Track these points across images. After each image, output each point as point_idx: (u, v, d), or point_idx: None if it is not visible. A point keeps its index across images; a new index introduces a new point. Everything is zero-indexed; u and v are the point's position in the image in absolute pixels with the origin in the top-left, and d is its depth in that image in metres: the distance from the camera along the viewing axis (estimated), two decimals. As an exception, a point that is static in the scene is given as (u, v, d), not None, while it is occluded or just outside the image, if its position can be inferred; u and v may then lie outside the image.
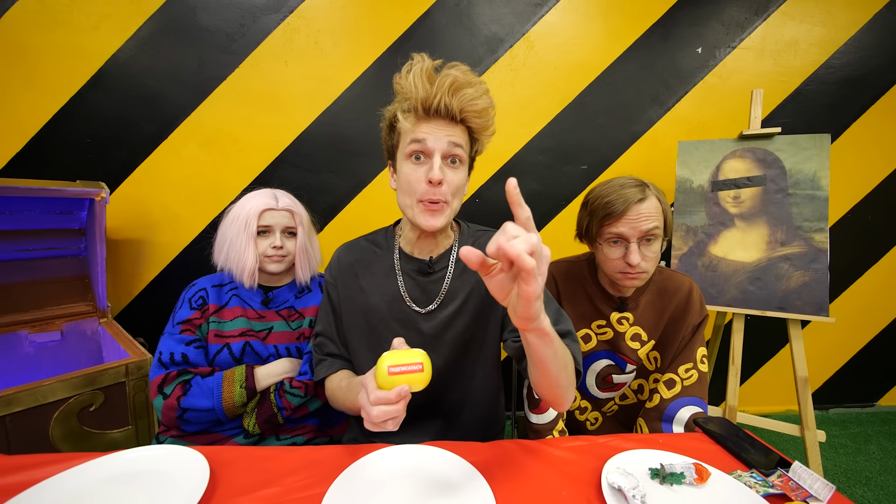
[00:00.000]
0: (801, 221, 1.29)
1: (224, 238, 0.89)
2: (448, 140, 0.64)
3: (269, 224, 0.88)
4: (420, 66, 0.62)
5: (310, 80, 1.56)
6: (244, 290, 0.92)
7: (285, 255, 0.89)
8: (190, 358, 0.82)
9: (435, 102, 0.62)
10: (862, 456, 1.64)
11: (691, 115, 1.71)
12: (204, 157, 1.55)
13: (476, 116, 0.65)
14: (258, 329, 0.90)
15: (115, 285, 1.54)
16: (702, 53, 1.68)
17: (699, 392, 0.81)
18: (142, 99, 1.49)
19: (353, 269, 0.78)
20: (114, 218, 1.49)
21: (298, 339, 0.93)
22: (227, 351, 0.85)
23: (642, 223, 0.76)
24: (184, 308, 0.87)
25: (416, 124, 0.65)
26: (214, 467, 0.55)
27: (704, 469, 0.56)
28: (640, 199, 0.76)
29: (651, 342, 0.87)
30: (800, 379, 1.29)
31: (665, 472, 0.55)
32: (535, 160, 1.69)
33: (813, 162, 1.29)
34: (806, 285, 1.27)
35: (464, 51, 1.60)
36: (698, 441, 0.68)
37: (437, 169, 0.63)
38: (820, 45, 1.70)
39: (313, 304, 0.96)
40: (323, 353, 0.80)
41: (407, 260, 0.76)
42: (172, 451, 0.57)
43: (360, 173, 1.63)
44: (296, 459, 0.58)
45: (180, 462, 0.55)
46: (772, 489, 0.53)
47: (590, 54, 1.66)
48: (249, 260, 0.86)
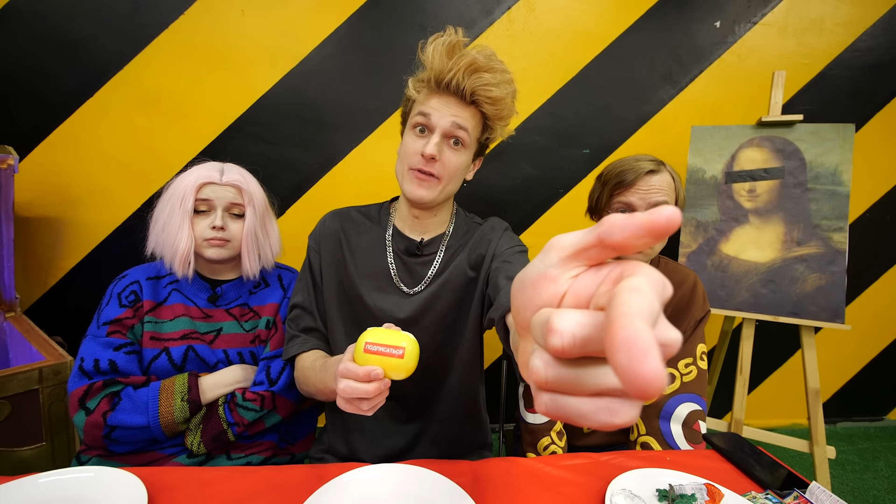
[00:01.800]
0: (819, 219, 1.35)
1: (158, 218, 0.84)
2: (453, 120, 0.70)
3: (209, 199, 0.83)
4: (443, 40, 0.67)
5: (271, 35, 1.50)
6: (187, 283, 0.88)
7: (228, 240, 0.85)
8: (119, 366, 0.77)
9: (447, 78, 0.67)
10: (870, 473, 1.75)
11: (706, 97, 1.75)
12: (140, 121, 1.48)
13: (489, 103, 0.70)
14: (204, 331, 0.86)
15: (26, 273, 1.46)
16: (720, 28, 1.71)
17: (698, 389, 0.88)
18: (59, 45, 1.41)
19: (337, 237, 0.83)
20: (23, 191, 1.41)
21: (253, 342, 0.89)
22: (165, 357, 0.81)
23: (652, 195, 0.83)
24: (111, 305, 0.82)
25: (427, 97, 0.71)
26: (153, 493, 0.53)
27: (717, 490, 0.57)
28: (652, 171, 0.84)
29: None
30: (811, 391, 1.36)
31: (674, 494, 0.57)
32: (532, 141, 1.70)
33: (835, 154, 1.34)
34: (822, 289, 1.33)
35: (454, 10, 1.58)
36: (708, 459, 0.70)
37: (432, 145, 0.69)
38: (847, 25, 1.76)
39: (271, 302, 0.92)
40: (298, 329, 0.81)
41: (398, 238, 0.82)
42: (101, 474, 0.54)
43: (331, 148, 1.59)
44: (252, 482, 0.57)
45: (111, 487, 0.52)
46: (788, 512, 0.56)
47: (597, 22, 1.66)
48: (182, 242, 0.81)
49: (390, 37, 1.56)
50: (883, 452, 1.90)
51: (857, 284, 1.95)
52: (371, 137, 1.61)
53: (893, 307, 1.99)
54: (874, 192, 1.90)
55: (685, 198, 1.47)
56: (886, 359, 2.05)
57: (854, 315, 1.96)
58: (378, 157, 1.62)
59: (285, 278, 0.96)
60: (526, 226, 1.76)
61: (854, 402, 2.09)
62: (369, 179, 1.62)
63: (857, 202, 1.88)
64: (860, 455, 1.87)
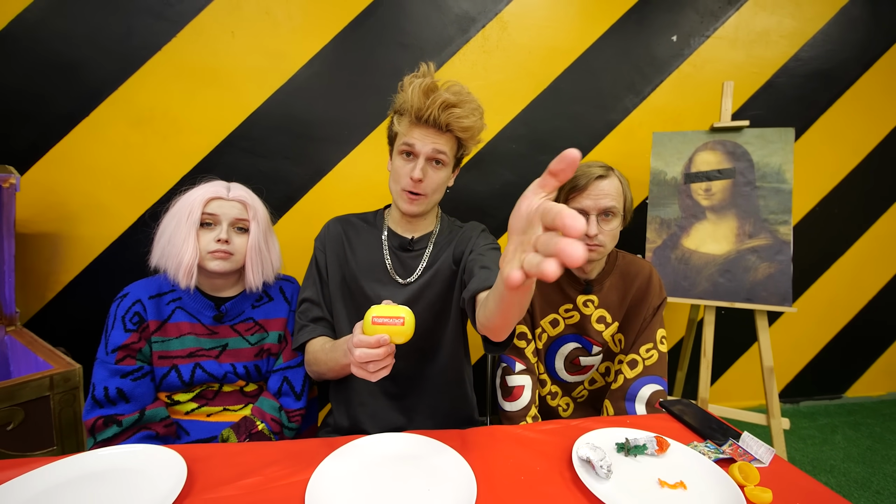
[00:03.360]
0: (767, 214, 1.51)
1: (164, 231, 0.87)
2: (433, 147, 0.85)
3: (215, 213, 0.86)
4: (419, 82, 0.81)
5: (260, 55, 1.60)
6: (189, 300, 0.89)
7: (231, 253, 0.86)
8: (127, 392, 0.81)
9: (425, 115, 0.82)
10: (828, 446, 1.91)
11: (666, 105, 1.91)
12: (134, 138, 1.55)
13: (461, 131, 0.85)
14: (209, 346, 0.89)
15: (25, 287, 1.50)
16: (677, 42, 1.88)
17: (659, 371, 0.98)
18: (55, 68, 1.47)
19: (340, 238, 0.97)
20: (23, 208, 1.45)
21: (259, 355, 0.92)
22: (175, 374, 0.85)
23: (602, 200, 0.93)
24: (117, 329, 0.84)
25: (409, 129, 0.85)
26: (190, 463, 0.62)
27: (664, 441, 0.69)
28: (602, 177, 0.94)
29: (615, 324, 1.04)
30: (766, 368, 1.51)
31: (629, 445, 0.69)
32: (509, 149, 1.82)
33: (778, 155, 1.51)
34: (771, 276, 1.48)
35: (433, 29, 1.70)
36: (662, 420, 0.83)
37: (418, 170, 0.85)
38: (790, 37, 1.95)
39: (279, 316, 0.96)
40: (307, 320, 0.92)
41: (392, 236, 0.96)
42: (146, 450, 0.63)
43: (319, 160, 1.69)
44: (274, 452, 0.66)
45: (155, 459, 0.62)
46: (722, 455, 0.68)
47: (565, 38, 1.81)
48: (187, 254, 0.83)
49: (373, 55, 1.67)
50: (840, 427, 2.07)
51: (810, 273, 2.13)
52: (357, 149, 1.71)
53: (843, 293, 2.18)
54: (822, 188, 2.08)
55: (650, 197, 1.62)
56: (841, 341, 2.23)
57: (809, 302, 2.14)
58: (364, 168, 1.72)
59: (287, 290, 1.00)
60: (506, 228, 1.87)
61: (814, 382, 2.27)
62: (356, 189, 1.72)
63: (807, 198, 2.07)
64: (820, 430, 2.04)
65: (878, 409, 2.25)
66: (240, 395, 0.92)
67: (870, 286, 2.21)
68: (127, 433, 0.80)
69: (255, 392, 0.94)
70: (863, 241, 2.15)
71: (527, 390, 0.99)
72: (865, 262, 2.17)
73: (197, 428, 0.87)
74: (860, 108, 2.04)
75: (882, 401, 2.33)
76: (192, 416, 0.88)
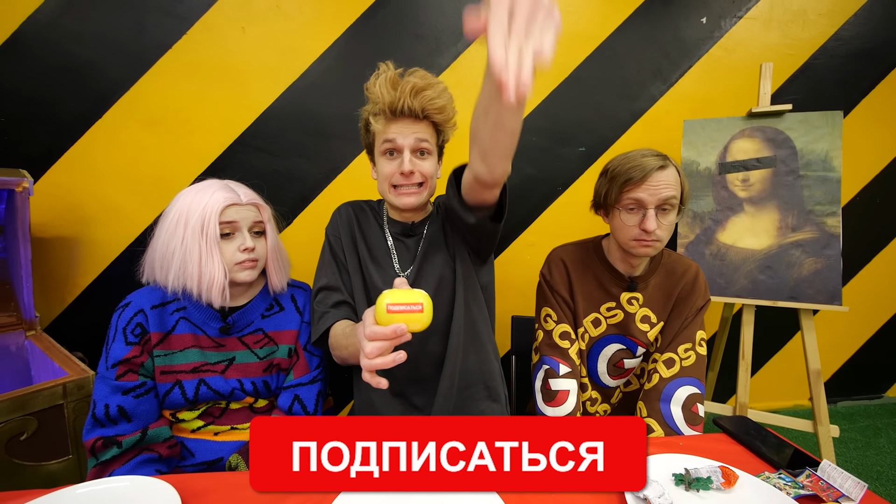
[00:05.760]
0: (812, 205, 1.35)
1: (168, 248, 0.75)
2: (415, 136, 0.82)
3: (234, 221, 0.77)
4: (385, 76, 0.80)
5: (272, 51, 1.51)
6: (194, 310, 0.81)
7: (257, 260, 0.80)
8: (128, 410, 0.73)
9: (399, 105, 0.79)
10: (872, 450, 1.75)
11: (696, 92, 1.75)
12: (147, 140, 1.48)
13: (437, 113, 0.83)
14: (214, 361, 0.80)
15: (44, 292, 1.46)
16: (706, 24, 1.72)
17: (697, 373, 0.90)
18: (67, 70, 1.41)
19: (352, 221, 0.95)
20: (39, 212, 1.40)
21: (268, 370, 0.83)
22: (178, 391, 0.77)
23: (662, 190, 0.83)
24: (118, 342, 0.76)
25: (386, 125, 0.82)
26: (186, 499, 0.53)
27: (732, 472, 0.58)
28: (661, 167, 0.84)
29: (660, 324, 0.94)
30: (812, 372, 1.36)
31: (690, 478, 0.57)
32: (529, 141, 1.70)
33: (825, 141, 1.35)
34: (818, 273, 1.33)
35: (448, 18, 1.58)
36: (718, 442, 0.71)
37: (407, 162, 0.82)
38: (829, 15, 1.77)
39: (290, 329, 0.86)
40: (327, 306, 0.86)
41: (393, 223, 0.95)
42: (136, 483, 0.54)
43: (334, 157, 1.60)
44: (282, 485, 0.57)
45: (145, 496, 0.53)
46: (802, 490, 0.56)
47: (587, 23, 1.67)
48: (217, 272, 0.74)
49: (387, 47, 1.56)
50: (884, 429, 1.90)
51: (851, 266, 1.95)
52: (373, 145, 1.61)
53: (888, 287, 1.99)
54: (864, 176, 1.90)
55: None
56: (884, 337, 2.05)
57: (850, 296, 1.96)
58: (380, 164, 1.62)
59: (299, 299, 0.91)
60: (527, 224, 1.76)
61: (853, 381, 2.09)
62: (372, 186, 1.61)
63: (849, 186, 1.89)
64: (861, 433, 1.87)
65: (923, 410, 2.06)
66: (249, 412, 0.83)
67: (914, 279, 2.02)
68: (128, 454, 0.72)
69: (267, 408, 0.85)
70: (907, 231, 1.96)
71: (572, 395, 0.90)
72: (910, 255, 1.98)
73: (203, 449, 0.79)
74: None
75: (926, 400, 2.15)
76: (198, 434, 0.80)
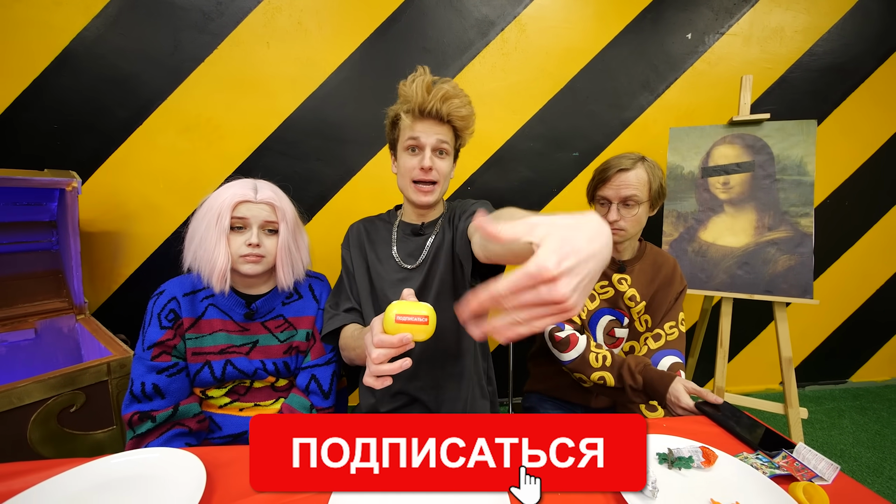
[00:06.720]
0: (787, 206, 1.32)
1: (195, 234, 0.76)
2: (437, 137, 0.81)
3: (245, 217, 0.76)
4: (422, 79, 0.80)
5: (293, 63, 1.49)
6: (221, 297, 0.80)
7: (263, 256, 0.77)
8: (162, 387, 0.73)
9: (429, 107, 0.79)
10: (836, 430, 1.72)
11: (681, 102, 1.71)
12: (182, 145, 1.47)
13: (459, 120, 0.82)
14: (240, 343, 0.80)
15: (92, 280, 1.47)
16: (691, 39, 1.67)
17: (679, 346, 0.96)
18: (112, 81, 1.40)
19: (362, 237, 0.93)
20: (87, 209, 1.40)
21: (288, 352, 0.83)
22: (207, 370, 0.77)
23: (622, 190, 0.91)
24: (153, 326, 0.76)
25: (413, 123, 0.82)
26: (211, 469, 0.52)
27: (711, 452, 0.56)
28: (626, 169, 0.90)
29: (643, 303, 1.00)
30: (784, 359, 1.33)
31: (673, 457, 0.55)
32: (528, 147, 1.67)
33: (800, 148, 1.31)
34: (792, 269, 1.30)
35: (454, 34, 1.55)
36: (700, 424, 0.69)
37: (427, 159, 0.81)
38: (804, 32, 1.72)
39: (308, 315, 0.86)
40: (339, 310, 0.86)
41: (404, 226, 0.92)
42: (166, 455, 0.53)
43: (349, 161, 1.58)
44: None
45: (174, 466, 0.52)
46: (778, 470, 0.54)
47: (581, 39, 1.63)
48: (220, 259, 0.74)
49: (398, 60, 1.54)
50: (847, 411, 1.86)
51: (821, 263, 1.91)
52: (384, 150, 1.59)
53: (855, 282, 1.95)
54: (835, 180, 1.85)
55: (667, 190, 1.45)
56: (849, 328, 2.01)
57: (819, 290, 1.92)
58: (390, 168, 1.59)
59: (316, 288, 0.90)
60: (524, 223, 1.73)
61: (821, 368, 2.05)
62: (383, 187, 1.60)
63: (821, 190, 1.84)
64: (827, 414, 1.84)
65: (882, 394, 2.02)
66: (270, 390, 0.82)
67: (879, 276, 1.97)
68: (161, 428, 0.71)
69: (287, 387, 0.84)
70: (872, 232, 1.91)
71: (581, 338, 0.92)
72: (875, 254, 1.93)
73: (229, 423, 0.78)
74: (874, 101, 1.79)
75: (887, 386, 2.09)
76: (225, 409, 0.79)
